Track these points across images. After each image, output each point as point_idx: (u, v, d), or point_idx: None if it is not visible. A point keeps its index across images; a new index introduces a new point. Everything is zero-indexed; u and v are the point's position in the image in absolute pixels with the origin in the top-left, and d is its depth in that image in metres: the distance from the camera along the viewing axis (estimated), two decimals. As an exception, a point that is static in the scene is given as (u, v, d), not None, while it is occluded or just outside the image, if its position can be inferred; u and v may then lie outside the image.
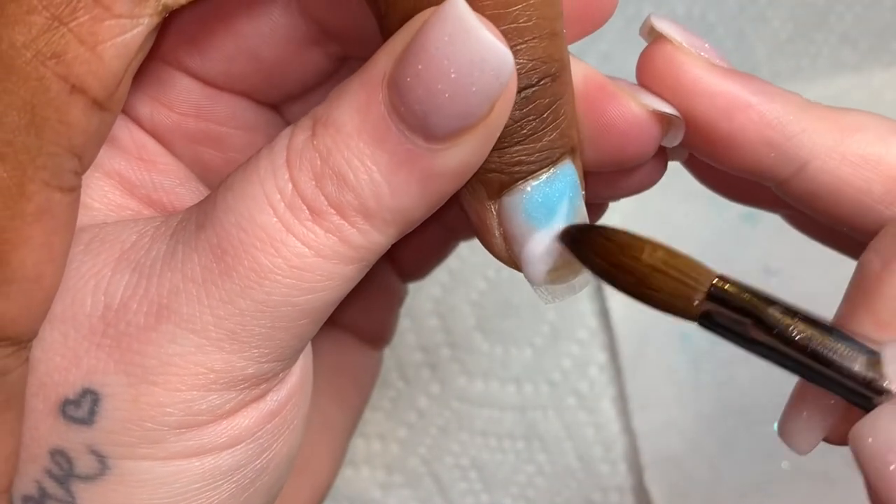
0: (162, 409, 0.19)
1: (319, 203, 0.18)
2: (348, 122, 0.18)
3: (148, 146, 0.22)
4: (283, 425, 0.21)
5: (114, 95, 0.18)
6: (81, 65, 0.17)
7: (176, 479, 0.19)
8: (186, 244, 0.19)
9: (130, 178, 0.22)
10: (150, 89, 0.22)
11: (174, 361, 0.19)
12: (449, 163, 0.18)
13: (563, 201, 0.20)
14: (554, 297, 0.21)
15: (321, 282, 0.19)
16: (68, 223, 0.19)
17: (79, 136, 0.18)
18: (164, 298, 0.19)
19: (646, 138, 0.21)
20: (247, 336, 0.19)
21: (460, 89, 0.17)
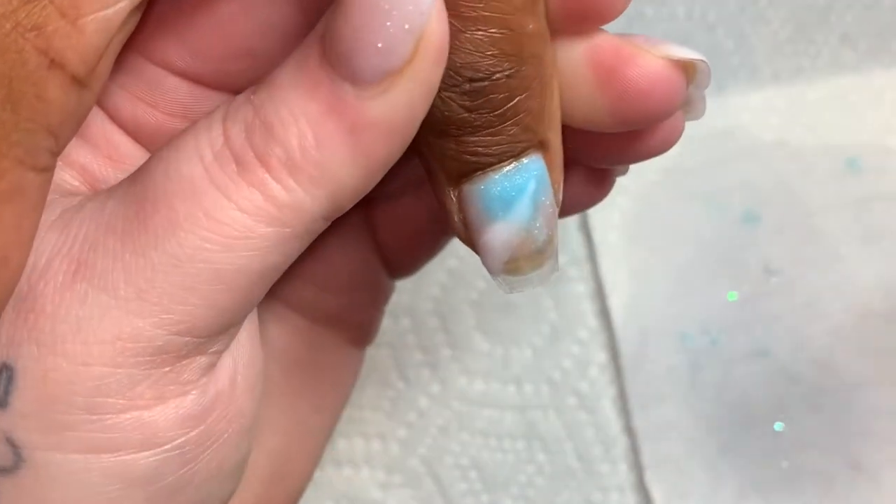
0: (70, 388, 0.18)
1: (246, 155, 0.18)
2: (285, 76, 0.18)
3: (121, 146, 0.21)
4: (209, 436, 0.20)
5: (94, 72, 0.18)
6: (62, 38, 0.17)
7: (88, 478, 0.18)
8: (116, 198, 0.19)
9: (94, 172, 0.21)
10: (134, 88, 0.21)
11: (83, 326, 0.18)
12: (378, 113, 0.18)
13: (523, 196, 0.20)
14: (511, 287, 0.21)
15: (240, 239, 0.18)
16: (39, 205, 0.18)
17: (56, 114, 0.17)
18: (84, 254, 0.18)
19: (671, 92, 0.20)
20: (156, 295, 0.18)
21: (380, 16, 0.17)
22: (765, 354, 0.36)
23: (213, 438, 0.20)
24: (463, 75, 0.19)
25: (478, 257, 0.20)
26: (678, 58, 0.20)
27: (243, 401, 0.20)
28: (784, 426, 0.36)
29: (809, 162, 0.38)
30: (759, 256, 0.37)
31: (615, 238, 0.38)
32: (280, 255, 0.19)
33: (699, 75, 0.21)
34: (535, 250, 0.20)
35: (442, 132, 0.19)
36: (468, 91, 0.19)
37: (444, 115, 0.19)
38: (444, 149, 0.20)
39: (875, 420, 0.36)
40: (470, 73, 0.19)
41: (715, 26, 0.39)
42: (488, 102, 0.19)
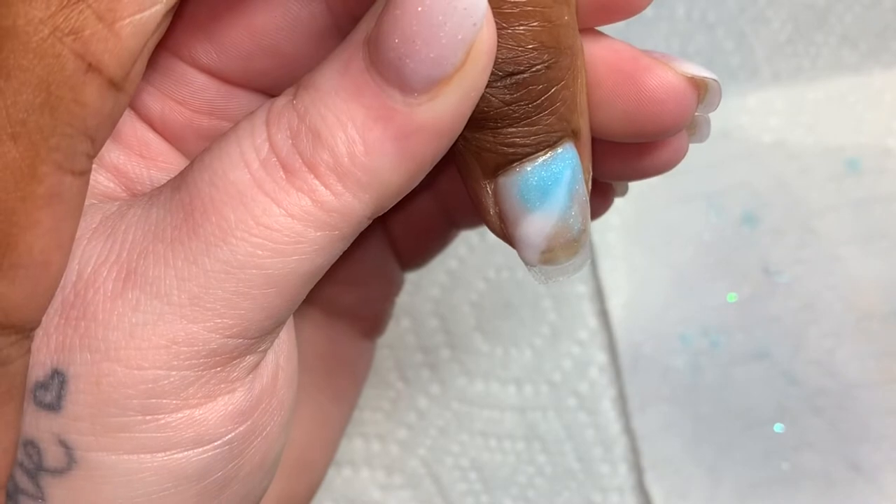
0: (124, 391, 0.18)
1: (294, 161, 0.18)
2: (328, 81, 0.18)
3: (152, 144, 0.21)
4: (255, 430, 0.20)
5: (129, 76, 0.18)
6: (99, 42, 0.17)
7: (141, 477, 0.19)
8: (161, 206, 0.19)
9: (128, 172, 0.21)
10: (162, 85, 0.21)
11: (137, 333, 0.18)
12: (426, 119, 0.18)
13: (559, 185, 0.20)
14: (547, 278, 0.21)
15: (290, 244, 0.18)
16: (77, 208, 0.18)
17: (93, 118, 0.17)
18: (133, 262, 0.18)
19: (683, 106, 0.21)
20: (210, 301, 0.18)
21: (433, 29, 0.17)
22: (764, 356, 0.36)
23: (258, 432, 0.20)
24: (504, 70, 0.19)
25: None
26: (692, 74, 0.21)
27: (284, 394, 0.21)
28: (784, 427, 0.36)
29: (809, 163, 0.38)
30: (759, 258, 0.37)
31: (615, 239, 0.38)
32: (328, 257, 0.19)
33: (710, 93, 0.21)
34: (571, 239, 0.21)
35: (480, 126, 0.20)
36: (508, 85, 0.19)
37: (484, 109, 0.19)
38: (482, 142, 0.20)
39: (875, 421, 0.36)
40: (511, 67, 0.19)
41: (714, 26, 0.39)
42: (527, 94, 0.19)
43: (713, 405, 0.36)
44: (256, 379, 0.20)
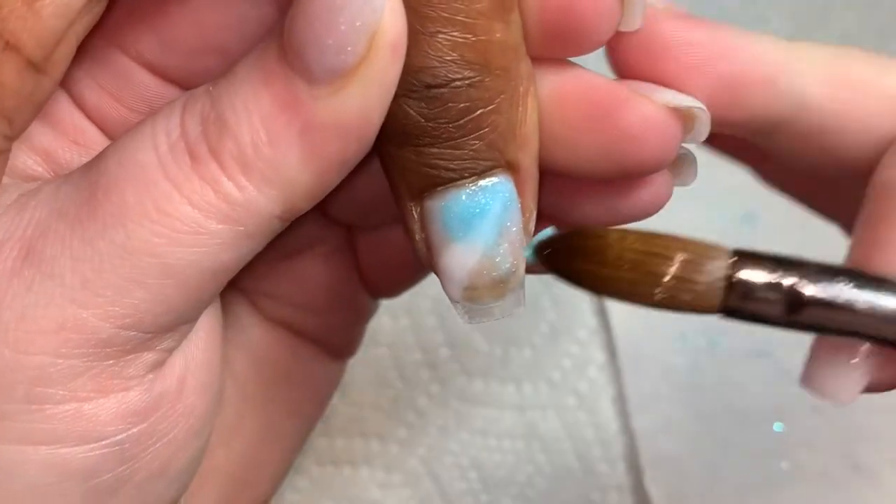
0: (10, 376, 0.17)
1: (200, 148, 0.17)
2: (243, 68, 0.18)
3: (88, 132, 0.21)
4: (152, 434, 0.19)
5: (51, 57, 0.17)
6: (17, 20, 0.16)
7: (23, 469, 0.18)
8: (72, 183, 0.18)
9: (59, 157, 0.20)
10: (100, 77, 0.20)
11: (28, 314, 0.17)
12: (330, 113, 0.17)
13: (485, 217, 0.19)
14: (471, 317, 0.20)
15: (189, 235, 0.17)
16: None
17: (10, 98, 0.17)
18: (34, 239, 0.18)
19: (665, 140, 0.19)
20: (102, 286, 0.17)
21: (332, 12, 0.17)
22: (764, 355, 0.36)
23: (156, 437, 0.19)
24: (421, 80, 0.18)
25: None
26: (676, 105, 0.19)
27: (193, 401, 0.20)
28: (783, 426, 0.36)
29: (809, 162, 0.38)
30: (759, 256, 0.37)
31: (615, 238, 0.38)
32: (233, 254, 0.18)
33: (697, 123, 0.20)
34: (498, 279, 0.20)
35: (401, 142, 0.19)
36: (426, 98, 0.18)
37: (402, 122, 0.18)
38: (405, 160, 0.19)
39: (875, 420, 0.36)
40: (428, 78, 0.18)
41: (715, 26, 0.39)
42: (446, 111, 0.18)
43: (713, 404, 0.36)
44: (158, 380, 0.19)
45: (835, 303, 0.17)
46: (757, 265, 0.17)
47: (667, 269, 0.17)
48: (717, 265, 0.17)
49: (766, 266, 0.17)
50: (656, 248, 0.18)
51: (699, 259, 0.17)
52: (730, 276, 0.17)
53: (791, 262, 0.17)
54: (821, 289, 0.17)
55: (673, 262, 0.17)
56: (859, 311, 0.17)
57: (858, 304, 0.17)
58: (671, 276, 0.17)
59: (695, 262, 0.17)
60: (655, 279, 0.17)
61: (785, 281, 0.17)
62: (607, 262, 0.18)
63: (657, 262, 0.17)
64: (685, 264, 0.17)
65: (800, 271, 0.17)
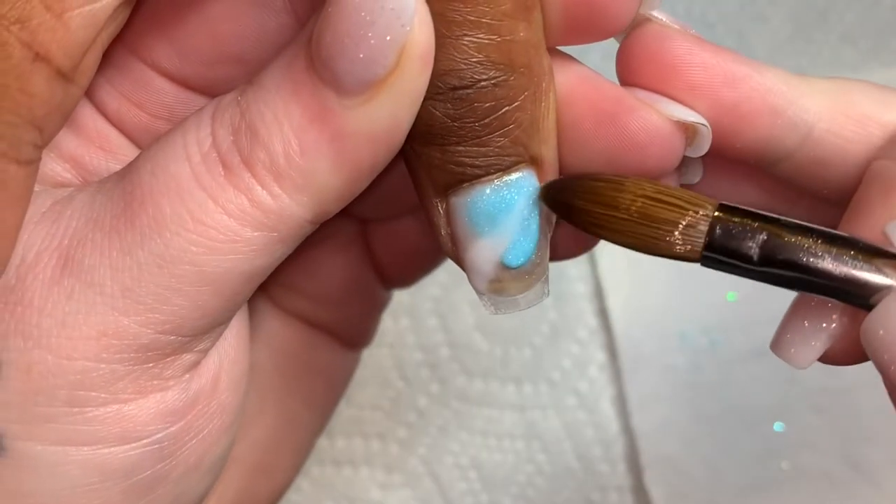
0: (53, 381, 0.18)
1: (233, 158, 0.18)
2: (271, 78, 0.18)
3: (112, 137, 0.21)
4: (189, 431, 0.19)
5: (79, 67, 0.18)
6: (46, 32, 0.17)
7: (66, 469, 0.18)
8: (105, 193, 0.18)
9: (86, 163, 0.21)
10: (121, 86, 0.21)
11: (69, 321, 0.18)
12: (361, 123, 0.18)
13: (510, 212, 0.19)
14: (497, 308, 0.21)
15: (226, 243, 0.18)
16: (23, 197, 0.18)
17: (40, 108, 0.17)
18: (72, 250, 0.18)
19: (668, 151, 0.20)
20: (142, 294, 0.18)
21: (362, 28, 0.17)
22: (764, 354, 0.36)
23: (192, 434, 0.20)
24: (447, 83, 0.18)
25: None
26: (680, 118, 0.20)
27: (226, 398, 0.20)
28: (784, 426, 0.36)
29: (809, 162, 0.38)
30: (759, 256, 0.37)
31: (615, 238, 0.38)
32: (267, 258, 0.18)
33: (699, 138, 0.20)
34: (523, 271, 0.20)
35: (427, 141, 0.19)
36: (452, 99, 0.18)
37: (428, 123, 0.19)
38: (431, 158, 0.19)
39: (875, 420, 0.36)
40: (454, 80, 0.18)
41: (714, 25, 0.39)
42: (472, 111, 0.19)
43: (713, 404, 0.36)
44: (194, 379, 0.19)
45: (804, 258, 0.18)
46: (738, 216, 0.18)
47: (679, 218, 0.18)
48: (702, 213, 0.19)
49: (747, 218, 0.18)
50: (667, 198, 0.19)
51: (693, 209, 0.19)
52: (713, 224, 0.18)
53: (770, 218, 0.19)
54: (794, 242, 0.18)
55: (686, 212, 0.18)
56: (825, 268, 0.18)
57: (825, 261, 0.18)
58: (684, 224, 0.18)
59: (691, 213, 0.19)
60: (665, 227, 0.19)
61: (761, 234, 0.18)
62: (619, 207, 0.19)
63: (669, 211, 0.19)
64: (685, 213, 0.19)
65: (777, 225, 0.18)
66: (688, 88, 0.20)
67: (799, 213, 0.23)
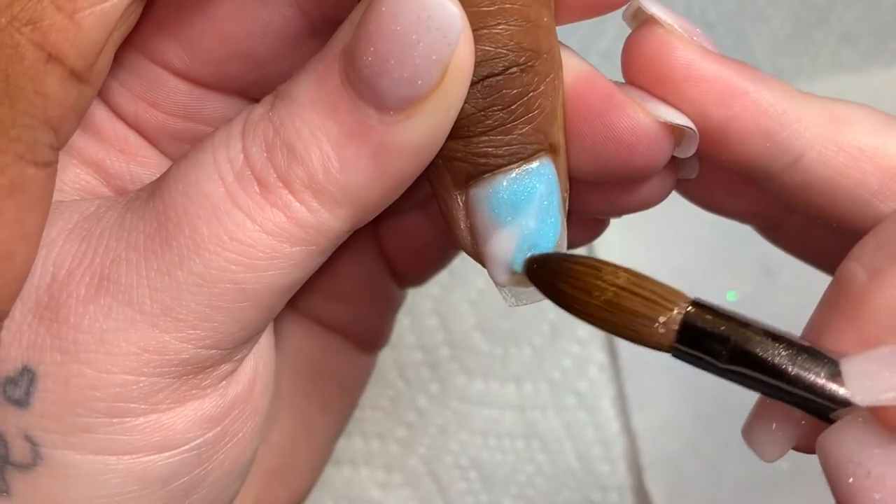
0: (92, 393, 0.18)
1: (268, 176, 0.18)
2: (304, 93, 0.18)
3: (130, 139, 0.21)
4: (225, 436, 0.20)
5: (93, 67, 0.18)
6: (58, 33, 0.17)
7: (106, 478, 0.18)
8: (135, 212, 0.18)
9: (108, 167, 0.21)
10: (135, 87, 0.21)
11: (108, 338, 0.18)
12: (402, 138, 0.18)
13: (532, 200, 0.19)
14: (518, 300, 0.20)
15: (265, 260, 0.18)
16: (42, 200, 0.18)
17: (55, 109, 0.17)
18: (106, 268, 0.18)
19: (655, 151, 0.20)
20: (182, 312, 0.18)
21: (406, 48, 0.17)
22: (764, 354, 0.36)
23: (228, 438, 0.20)
24: (478, 74, 0.18)
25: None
26: (667, 120, 0.20)
27: (259, 400, 0.21)
28: (783, 426, 0.36)
29: (809, 161, 0.38)
30: (759, 256, 0.37)
31: (615, 238, 0.38)
32: (305, 271, 0.19)
33: (686, 141, 0.20)
34: None
35: (452, 133, 0.19)
36: (481, 89, 0.18)
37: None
38: (453, 150, 0.19)
39: (874, 420, 0.36)
40: (486, 69, 0.18)
41: (714, 25, 0.39)
42: (501, 99, 0.18)
43: (713, 404, 0.36)
44: (231, 385, 0.20)
45: (769, 366, 0.19)
46: (709, 316, 0.19)
47: (653, 313, 0.19)
48: (676, 311, 0.19)
49: (717, 318, 0.19)
50: (640, 290, 0.19)
51: (666, 304, 0.19)
52: (684, 322, 0.19)
53: (740, 321, 0.19)
54: (761, 349, 0.18)
55: (660, 308, 0.19)
56: (789, 379, 0.18)
57: (790, 372, 0.18)
58: (659, 322, 0.19)
59: (662, 307, 0.19)
60: (638, 319, 0.19)
61: (732, 335, 0.19)
62: (593, 293, 0.19)
63: (642, 303, 0.19)
64: (656, 307, 0.19)
65: (746, 329, 0.19)
66: (679, 102, 0.20)
67: (793, 224, 0.23)
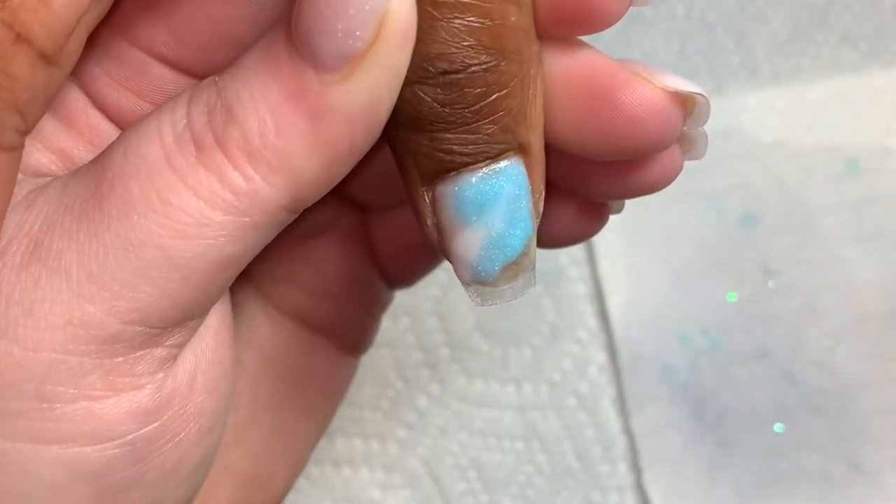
0: (20, 374, 0.17)
1: (206, 139, 0.17)
2: (251, 59, 0.18)
3: (103, 132, 0.20)
4: (164, 434, 0.19)
5: (63, 49, 0.17)
6: (28, 12, 0.16)
7: (35, 468, 0.18)
8: (78, 177, 0.18)
9: (74, 156, 0.20)
10: (118, 75, 0.20)
11: (35, 310, 0.17)
12: (338, 99, 0.17)
13: (498, 201, 0.19)
14: (483, 299, 0.20)
15: (195, 226, 0.17)
16: (6, 184, 0.17)
17: (23, 91, 0.17)
18: (41, 234, 0.17)
19: (666, 124, 0.19)
20: (107, 279, 0.17)
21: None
22: (764, 355, 0.36)
23: (167, 437, 0.19)
24: (437, 67, 0.18)
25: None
26: (676, 89, 0.19)
27: (203, 400, 0.20)
28: (783, 427, 0.36)
29: (809, 163, 0.38)
30: (759, 257, 0.37)
31: (614, 239, 0.38)
32: (238, 246, 0.18)
33: (698, 109, 0.20)
34: (509, 261, 0.20)
35: (415, 127, 0.19)
36: (442, 84, 0.18)
37: (416, 108, 0.18)
38: (418, 145, 0.19)
39: (875, 420, 0.36)
40: (444, 64, 0.18)
41: (714, 26, 0.39)
42: (463, 97, 0.18)
43: (712, 405, 0.36)
44: (168, 378, 0.19)
45: None
46: None
47: None
48: None
49: None
50: None
51: None
52: None
53: None
54: None
55: None
56: None
57: None
58: None
59: None
60: None
61: None
62: None
63: None
64: None
65: None
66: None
67: None
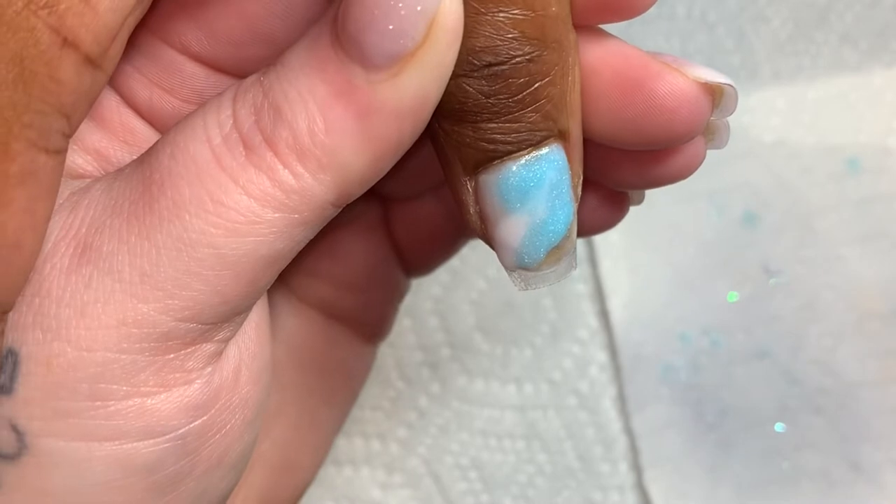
0: (74, 374, 0.17)
1: (254, 137, 0.18)
2: (295, 57, 0.18)
3: (137, 130, 0.21)
4: (212, 427, 0.19)
5: (107, 52, 0.17)
6: (74, 16, 0.16)
7: (89, 466, 0.18)
8: (123, 179, 0.18)
9: (109, 156, 0.20)
10: (150, 72, 0.20)
11: (87, 311, 0.17)
12: (388, 97, 0.17)
13: (541, 187, 0.19)
14: (527, 284, 0.21)
15: (246, 224, 0.17)
16: (52, 189, 0.17)
17: (69, 95, 0.17)
18: (90, 237, 0.18)
19: (696, 114, 0.20)
20: (160, 279, 0.17)
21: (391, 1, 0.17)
22: (765, 355, 0.36)
23: (215, 429, 0.19)
24: (482, 60, 0.18)
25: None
26: (706, 80, 0.20)
27: (247, 392, 0.20)
28: (784, 427, 0.36)
29: (809, 162, 0.38)
30: (759, 257, 0.37)
31: (615, 238, 0.38)
32: (288, 242, 0.18)
33: (726, 99, 0.20)
34: (553, 246, 0.20)
35: (458, 119, 0.19)
36: (486, 76, 0.18)
37: (461, 100, 0.19)
38: (461, 136, 0.19)
39: (875, 420, 0.36)
40: (489, 57, 0.18)
41: (715, 25, 0.39)
42: (507, 87, 0.19)
43: (713, 404, 0.36)
44: (216, 372, 0.19)
45: None
46: None
47: None
48: None
49: None
50: None
51: None
52: None
53: None
54: None
55: None
56: None
57: None
58: None
59: None
60: None
61: None
62: None
63: None
64: None
65: None
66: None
67: None
